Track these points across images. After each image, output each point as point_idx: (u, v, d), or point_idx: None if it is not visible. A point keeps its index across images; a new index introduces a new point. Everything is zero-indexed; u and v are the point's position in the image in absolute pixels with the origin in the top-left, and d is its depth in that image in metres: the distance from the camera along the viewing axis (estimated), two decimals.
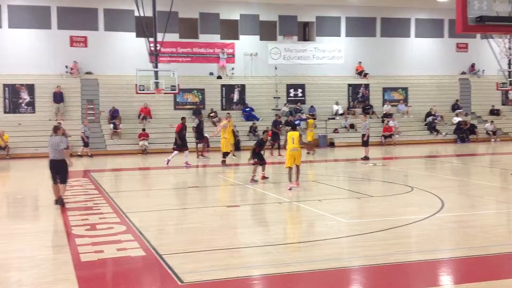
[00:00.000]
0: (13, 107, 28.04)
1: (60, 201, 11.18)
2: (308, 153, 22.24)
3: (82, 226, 9.09)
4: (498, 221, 9.67)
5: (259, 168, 15.04)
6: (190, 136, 21.90)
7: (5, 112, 27.77)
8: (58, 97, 28.29)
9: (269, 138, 19.79)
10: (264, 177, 15.05)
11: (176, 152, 19.77)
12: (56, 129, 11.63)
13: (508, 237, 8.40)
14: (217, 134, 21.71)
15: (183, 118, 20.39)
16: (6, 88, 28.01)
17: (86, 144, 25.35)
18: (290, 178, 13.45)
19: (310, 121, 25.32)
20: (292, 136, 13.46)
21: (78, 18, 29.86)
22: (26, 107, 28.25)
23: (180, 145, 19.55)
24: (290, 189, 13.18)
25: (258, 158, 14.95)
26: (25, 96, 28.29)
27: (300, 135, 13.69)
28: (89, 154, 25.09)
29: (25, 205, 12.72)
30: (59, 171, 11.35)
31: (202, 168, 19.69)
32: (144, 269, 6.88)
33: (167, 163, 19.34)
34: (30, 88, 28.41)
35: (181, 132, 19.65)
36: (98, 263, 6.96)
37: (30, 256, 7.45)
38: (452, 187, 14.03)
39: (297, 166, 13.41)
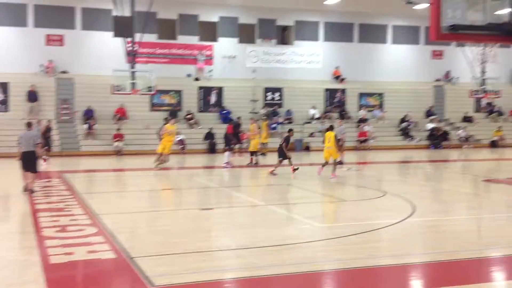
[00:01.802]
0: None
1: (29, 190, 12.45)
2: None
3: (52, 228, 8.95)
4: (468, 226, 9.81)
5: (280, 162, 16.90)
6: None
7: None
8: (33, 96, 27.87)
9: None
10: (273, 172, 16.73)
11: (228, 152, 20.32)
12: (29, 125, 13.16)
13: (478, 243, 8.54)
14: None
15: (230, 121, 21.95)
16: None
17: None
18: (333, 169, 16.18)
19: (264, 123, 25.34)
20: (329, 136, 16.26)
21: (55, 17, 29.48)
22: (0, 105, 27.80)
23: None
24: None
25: (281, 154, 16.92)
26: None
27: (335, 136, 16.39)
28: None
29: None
30: (31, 162, 12.61)
31: (176, 171, 19.59)
32: (115, 272, 6.81)
33: (227, 165, 19.50)
34: (4, 87, 27.95)
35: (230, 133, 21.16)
36: (68, 266, 6.86)
37: None
38: (424, 193, 14.22)
39: (334, 160, 16.28)
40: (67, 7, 29.78)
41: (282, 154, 16.90)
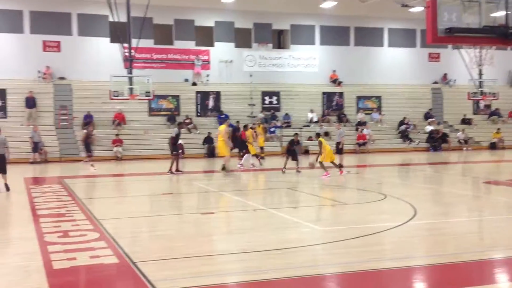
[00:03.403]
0: None
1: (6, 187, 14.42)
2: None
3: (54, 233, 8.94)
4: (469, 228, 9.83)
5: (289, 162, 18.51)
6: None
7: None
8: (31, 102, 27.88)
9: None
10: (283, 170, 18.33)
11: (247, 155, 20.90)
12: None
13: (479, 245, 8.55)
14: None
15: (245, 126, 22.24)
16: None
17: (34, 149, 25.12)
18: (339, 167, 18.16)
19: (260, 127, 25.29)
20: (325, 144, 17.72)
21: (51, 23, 29.54)
22: None
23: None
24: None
25: (290, 154, 18.73)
26: None
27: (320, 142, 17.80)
28: (39, 160, 24.87)
29: None
30: (1, 164, 14.57)
31: (178, 176, 19.57)
32: (118, 277, 6.80)
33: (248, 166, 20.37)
34: (2, 93, 27.97)
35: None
36: (71, 271, 6.85)
37: (1, 263, 7.30)
38: (425, 195, 14.23)
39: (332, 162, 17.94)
40: (63, 13, 29.85)
41: (294, 154, 18.64)
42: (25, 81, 28.75)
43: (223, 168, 18.58)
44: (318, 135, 18.76)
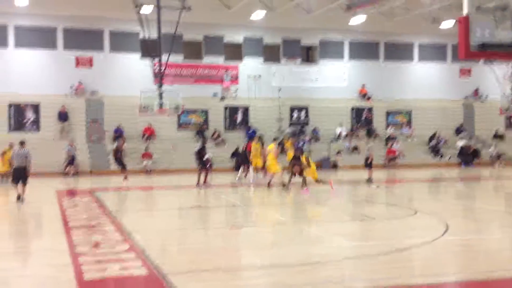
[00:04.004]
0: (18, 125, 28.22)
1: (21, 199, 14.73)
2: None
3: (85, 245, 9.07)
4: (502, 245, 9.61)
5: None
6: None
7: (10, 130, 27.91)
8: (63, 116, 28.47)
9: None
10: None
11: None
12: (22, 143, 15.49)
13: None
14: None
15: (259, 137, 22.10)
16: (12, 107, 28.21)
17: (70, 162, 25.59)
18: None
19: (288, 142, 24.82)
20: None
21: (84, 39, 30.17)
22: (31, 125, 28.41)
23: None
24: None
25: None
26: (30, 115, 28.48)
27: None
28: (72, 173, 25.28)
29: (28, 223, 12.73)
30: (23, 176, 15.00)
31: (206, 189, 19.65)
32: None
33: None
34: (35, 108, 28.62)
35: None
36: (101, 282, 6.93)
37: (33, 274, 7.43)
38: (456, 211, 13.99)
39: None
40: (96, 30, 30.46)
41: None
42: (57, 96, 29.35)
43: (283, 185, 17.76)
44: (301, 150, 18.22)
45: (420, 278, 7.20)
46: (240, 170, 22.22)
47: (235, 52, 32.90)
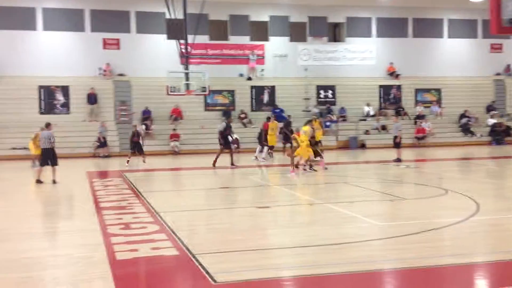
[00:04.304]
0: (49, 108, 28.67)
1: (52, 180, 15.25)
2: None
3: (116, 225, 9.23)
4: None
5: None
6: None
7: (40, 113, 28.39)
8: (92, 99, 28.81)
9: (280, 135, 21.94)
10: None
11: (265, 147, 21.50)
12: (48, 125, 15.88)
13: None
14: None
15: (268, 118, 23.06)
16: (42, 90, 28.66)
17: (102, 145, 25.91)
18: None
19: (317, 121, 24.57)
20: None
21: (111, 21, 30.34)
22: (61, 108, 28.85)
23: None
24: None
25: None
26: (60, 97, 28.90)
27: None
28: (102, 155, 25.61)
29: (61, 204, 13.01)
30: (51, 157, 15.40)
31: (234, 169, 19.73)
32: (178, 268, 6.96)
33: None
34: (65, 90, 29.01)
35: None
36: (133, 262, 7.06)
37: (66, 254, 7.60)
38: (488, 190, 13.79)
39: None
40: (122, 11, 30.58)
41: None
42: (86, 78, 29.69)
43: (310, 166, 17.57)
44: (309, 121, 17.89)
45: (451, 258, 7.14)
46: (257, 149, 22.37)
47: (261, 31, 32.69)
